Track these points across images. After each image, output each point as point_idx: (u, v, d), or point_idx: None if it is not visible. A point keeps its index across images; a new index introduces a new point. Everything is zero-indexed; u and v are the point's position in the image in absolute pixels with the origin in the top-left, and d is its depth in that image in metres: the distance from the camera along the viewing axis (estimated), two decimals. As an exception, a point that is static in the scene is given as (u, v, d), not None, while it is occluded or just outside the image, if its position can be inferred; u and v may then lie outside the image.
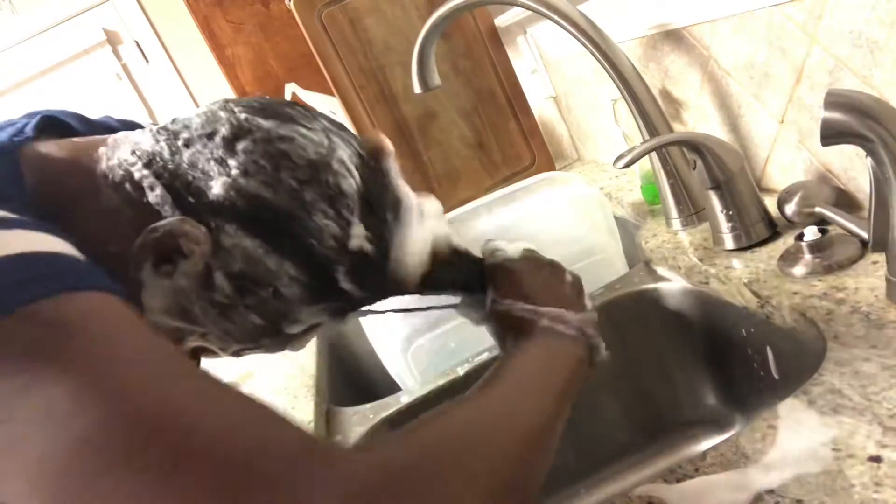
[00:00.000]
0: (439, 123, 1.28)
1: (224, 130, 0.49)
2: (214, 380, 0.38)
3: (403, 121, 1.28)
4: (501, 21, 1.34)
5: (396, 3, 1.24)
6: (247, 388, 1.10)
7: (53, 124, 0.53)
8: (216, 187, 0.47)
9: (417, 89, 0.93)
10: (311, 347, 1.11)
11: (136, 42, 3.06)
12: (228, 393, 0.37)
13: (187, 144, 0.49)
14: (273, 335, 0.53)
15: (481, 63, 1.30)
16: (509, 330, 0.57)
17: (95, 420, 0.32)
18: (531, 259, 0.61)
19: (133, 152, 0.49)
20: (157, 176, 0.48)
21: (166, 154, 0.48)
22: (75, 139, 0.52)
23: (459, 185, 1.30)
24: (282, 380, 1.04)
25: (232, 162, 0.48)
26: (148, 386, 0.34)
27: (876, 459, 0.41)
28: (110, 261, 0.45)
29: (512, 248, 0.61)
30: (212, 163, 0.48)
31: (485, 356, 0.90)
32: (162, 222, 0.46)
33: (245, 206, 0.47)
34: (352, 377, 1.16)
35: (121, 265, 0.46)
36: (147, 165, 0.48)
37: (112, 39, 3.05)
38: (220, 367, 0.64)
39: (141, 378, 0.35)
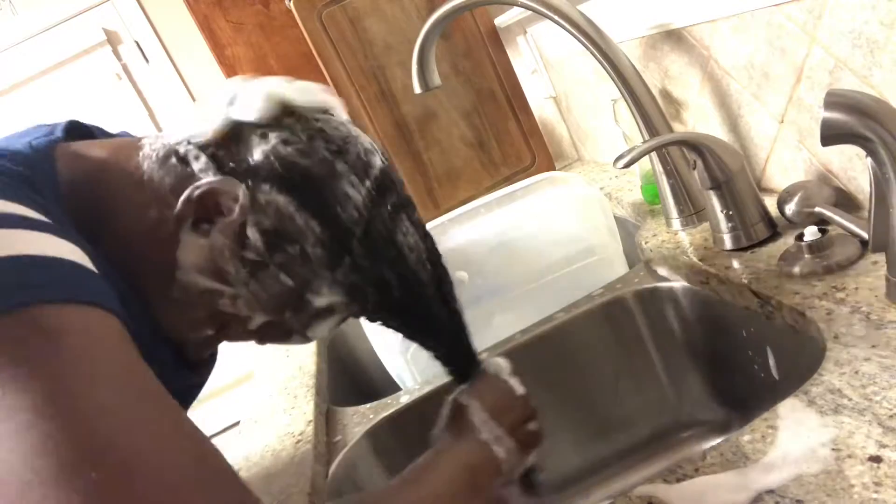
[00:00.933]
0: (439, 123, 1.28)
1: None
2: (181, 423, 0.39)
3: (403, 121, 1.28)
4: (501, 21, 1.34)
5: (396, 3, 1.24)
6: (247, 389, 1.10)
7: (79, 129, 0.57)
8: (256, 154, 0.51)
9: (417, 89, 0.93)
10: (312, 347, 1.11)
11: (136, 42, 3.06)
12: (188, 439, 0.39)
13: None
14: (297, 305, 0.55)
15: (481, 63, 1.30)
16: (457, 421, 0.64)
17: (46, 434, 0.33)
18: (510, 389, 0.68)
19: (178, 132, 0.53)
20: (201, 148, 0.52)
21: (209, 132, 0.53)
22: (107, 140, 0.56)
23: (459, 185, 1.30)
24: (282, 380, 1.04)
25: (272, 134, 0.52)
26: (107, 413, 0.35)
27: (876, 459, 0.41)
28: (141, 244, 0.50)
29: (506, 369, 0.69)
30: (253, 136, 0.52)
31: (484, 356, 0.90)
32: (205, 180, 0.50)
33: (281, 169, 0.51)
34: (352, 377, 1.16)
35: (153, 248, 0.50)
36: (190, 141, 0.52)
37: (112, 39, 3.05)
38: (220, 368, 0.65)
39: (104, 403, 0.36)
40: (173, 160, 0.52)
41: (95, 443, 0.34)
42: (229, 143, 0.53)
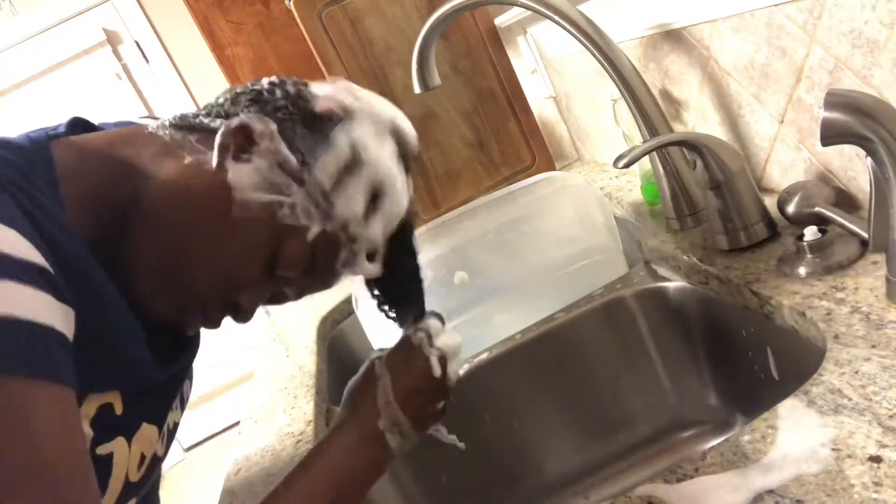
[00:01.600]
0: (439, 123, 1.28)
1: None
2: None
3: (403, 121, 1.27)
4: (501, 21, 1.34)
5: (396, 3, 1.24)
6: (247, 389, 1.10)
7: (83, 125, 0.60)
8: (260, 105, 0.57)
9: (417, 89, 0.93)
10: (311, 347, 1.11)
11: (136, 42, 3.06)
12: None
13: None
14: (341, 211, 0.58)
15: (481, 63, 1.30)
16: (364, 390, 0.66)
17: None
18: (427, 371, 0.67)
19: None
20: (210, 111, 0.58)
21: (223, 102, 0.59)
22: (107, 133, 0.58)
23: (459, 185, 1.30)
24: (282, 380, 1.04)
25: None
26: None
27: (876, 459, 0.41)
28: (186, 188, 0.54)
29: (441, 339, 0.68)
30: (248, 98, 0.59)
31: (485, 356, 0.90)
32: (235, 119, 0.55)
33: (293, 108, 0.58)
34: (351, 377, 1.16)
35: (203, 182, 0.55)
36: (198, 113, 0.58)
37: (112, 39, 3.05)
38: (220, 368, 0.64)
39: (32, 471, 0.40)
40: (191, 121, 0.57)
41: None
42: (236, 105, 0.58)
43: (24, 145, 0.51)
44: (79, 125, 0.59)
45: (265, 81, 0.60)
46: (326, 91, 0.60)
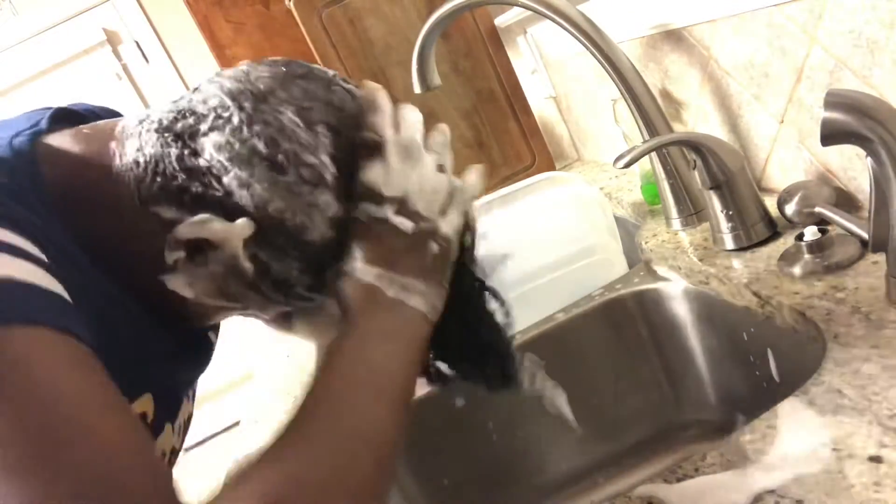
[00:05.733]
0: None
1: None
2: (130, 423, 0.41)
3: (403, 121, 1.27)
4: (501, 21, 1.34)
5: (396, 3, 1.24)
6: (247, 389, 1.10)
7: (67, 115, 0.55)
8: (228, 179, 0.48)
9: (417, 89, 0.93)
10: (311, 347, 1.11)
11: (136, 42, 3.06)
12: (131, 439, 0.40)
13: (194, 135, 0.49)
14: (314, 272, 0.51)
15: (481, 63, 1.30)
16: (353, 296, 0.51)
17: None
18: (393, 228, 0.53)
19: (139, 151, 0.49)
20: (171, 177, 0.48)
21: (173, 155, 0.49)
22: (84, 128, 0.53)
23: (459, 185, 1.30)
24: (282, 380, 1.04)
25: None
26: (57, 423, 0.37)
27: (876, 459, 0.41)
28: (124, 254, 0.48)
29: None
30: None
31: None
32: (184, 227, 0.47)
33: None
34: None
35: (135, 256, 0.49)
36: (155, 169, 0.49)
37: (112, 39, 3.05)
38: (220, 368, 0.65)
39: (53, 418, 0.37)
40: (143, 186, 0.49)
41: (40, 436, 0.36)
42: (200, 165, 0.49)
43: (5, 157, 0.47)
44: (63, 117, 0.54)
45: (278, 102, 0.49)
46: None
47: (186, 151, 0.48)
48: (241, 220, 0.47)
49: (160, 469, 0.40)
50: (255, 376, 1.16)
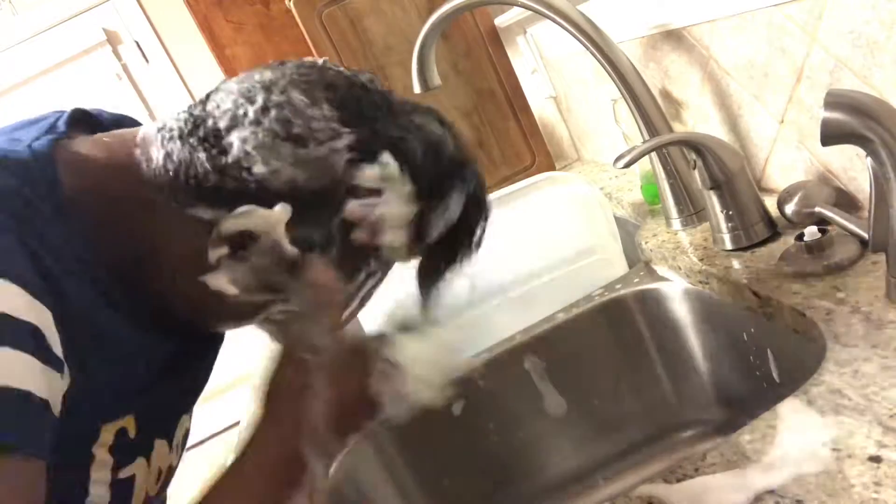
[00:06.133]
0: (439, 123, 1.28)
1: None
2: None
3: (403, 121, 1.27)
4: (501, 21, 1.34)
5: (396, 3, 1.24)
6: (247, 389, 1.09)
7: (83, 118, 0.55)
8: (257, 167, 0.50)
9: (417, 89, 0.93)
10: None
11: (136, 42, 3.06)
12: None
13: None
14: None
15: (481, 63, 1.30)
16: (286, 398, 0.59)
17: None
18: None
19: (167, 158, 0.50)
20: (204, 178, 0.50)
21: (203, 158, 0.50)
22: (104, 136, 0.54)
23: (459, 185, 1.30)
24: (282, 380, 1.04)
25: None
26: None
27: (876, 459, 0.41)
28: (153, 259, 0.49)
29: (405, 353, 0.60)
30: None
31: (485, 355, 0.90)
32: (227, 222, 0.49)
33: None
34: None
35: (168, 259, 0.50)
36: (187, 173, 0.50)
37: (112, 39, 3.05)
38: (220, 368, 0.65)
39: None
40: (182, 183, 0.50)
41: None
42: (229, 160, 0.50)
43: (25, 160, 0.47)
44: (80, 120, 0.55)
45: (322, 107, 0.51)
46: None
47: (214, 151, 0.50)
48: (278, 206, 0.49)
49: None
50: (254, 377, 1.16)
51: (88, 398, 0.46)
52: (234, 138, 0.49)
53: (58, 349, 0.42)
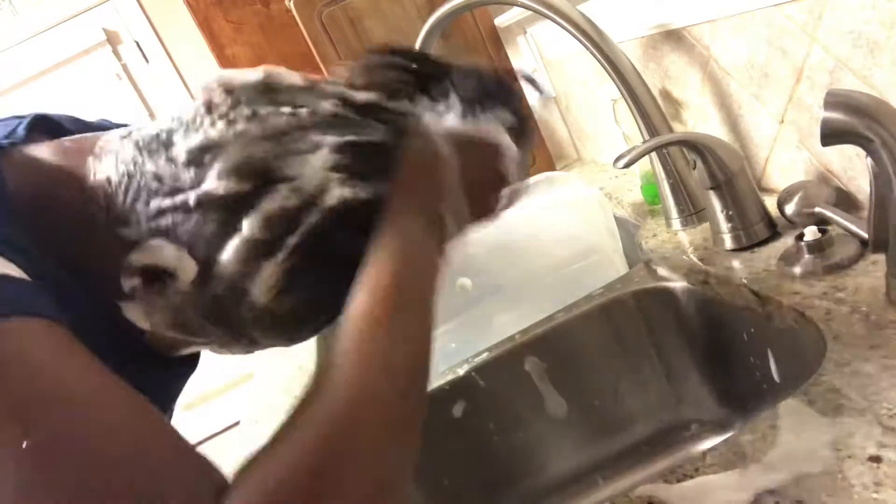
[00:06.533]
0: (439, 123, 1.28)
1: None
2: (138, 410, 0.39)
3: (403, 121, 1.27)
4: (501, 21, 1.34)
5: (396, 3, 1.25)
6: (247, 389, 1.10)
7: (45, 124, 0.53)
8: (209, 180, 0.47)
9: (417, 89, 0.93)
10: (311, 348, 1.11)
11: (136, 42, 3.06)
12: (144, 426, 0.39)
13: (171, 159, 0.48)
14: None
15: (481, 63, 1.30)
16: (422, 167, 0.51)
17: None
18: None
19: (114, 167, 0.48)
20: (142, 192, 0.47)
21: (148, 169, 0.48)
22: (65, 141, 0.51)
23: (459, 185, 1.30)
24: (282, 380, 1.04)
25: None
26: (58, 419, 0.36)
27: (876, 459, 0.41)
28: (92, 275, 0.46)
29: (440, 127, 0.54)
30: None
31: (485, 356, 0.90)
32: (138, 254, 0.46)
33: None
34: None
35: (101, 279, 0.46)
36: (127, 185, 0.48)
37: (112, 39, 3.05)
38: (220, 368, 0.64)
39: (58, 414, 0.36)
40: (113, 205, 0.47)
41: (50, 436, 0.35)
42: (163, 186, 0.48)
43: None
44: (41, 125, 0.52)
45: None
46: None
47: (161, 162, 0.47)
48: (190, 261, 0.47)
49: (196, 455, 0.40)
50: (255, 376, 1.16)
51: None
52: (184, 147, 0.47)
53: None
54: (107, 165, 0.48)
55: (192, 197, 0.47)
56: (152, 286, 0.47)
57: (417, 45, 0.91)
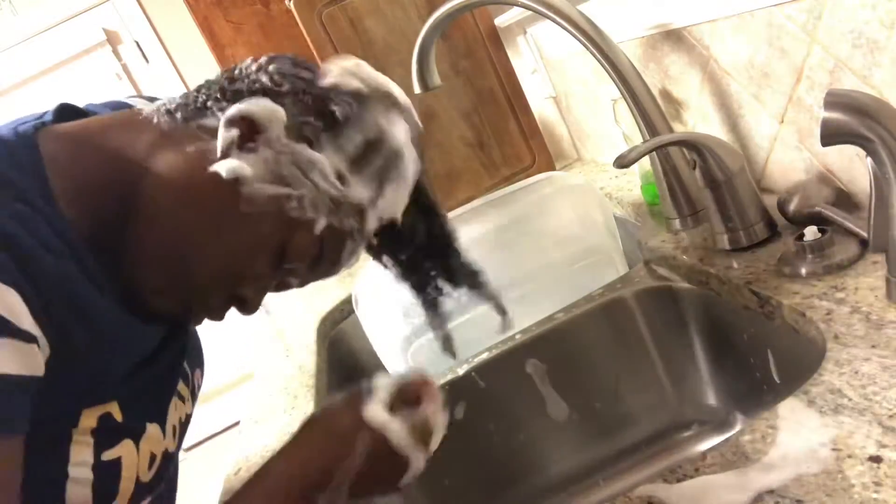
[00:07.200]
0: (439, 123, 1.28)
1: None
2: None
3: (403, 121, 1.27)
4: (501, 21, 1.34)
5: (396, 3, 1.24)
6: (247, 389, 1.10)
7: (73, 110, 0.59)
8: (263, 78, 0.56)
9: (417, 89, 0.93)
10: (311, 347, 1.11)
11: (136, 42, 3.06)
12: None
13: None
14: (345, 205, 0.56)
15: (481, 63, 1.30)
16: (332, 439, 0.58)
17: None
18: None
19: (165, 105, 0.55)
20: (218, 100, 0.55)
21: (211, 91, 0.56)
22: (92, 120, 0.57)
23: (459, 185, 1.30)
24: (282, 380, 1.04)
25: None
26: None
27: (876, 459, 0.41)
28: (186, 181, 0.52)
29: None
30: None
31: (485, 356, 0.90)
32: (236, 106, 0.53)
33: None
34: (352, 377, 1.16)
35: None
36: (196, 98, 0.56)
37: (112, 39, 3.05)
38: (221, 368, 0.64)
39: None
40: (190, 108, 0.55)
41: None
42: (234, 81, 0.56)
43: (7, 138, 0.50)
44: (68, 111, 0.57)
45: (269, 64, 0.57)
46: (334, 73, 0.61)
47: (219, 96, 0.55)
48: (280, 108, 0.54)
49: None
50: (255, 376, 1.16)
51: (69, 380, 0.46)
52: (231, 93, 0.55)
53: (27, 322, 0.43)
54: (153, 135, 0.54)
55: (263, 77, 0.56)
56: (244, 145, 0.53)
57: (417, 45, 0.91)
